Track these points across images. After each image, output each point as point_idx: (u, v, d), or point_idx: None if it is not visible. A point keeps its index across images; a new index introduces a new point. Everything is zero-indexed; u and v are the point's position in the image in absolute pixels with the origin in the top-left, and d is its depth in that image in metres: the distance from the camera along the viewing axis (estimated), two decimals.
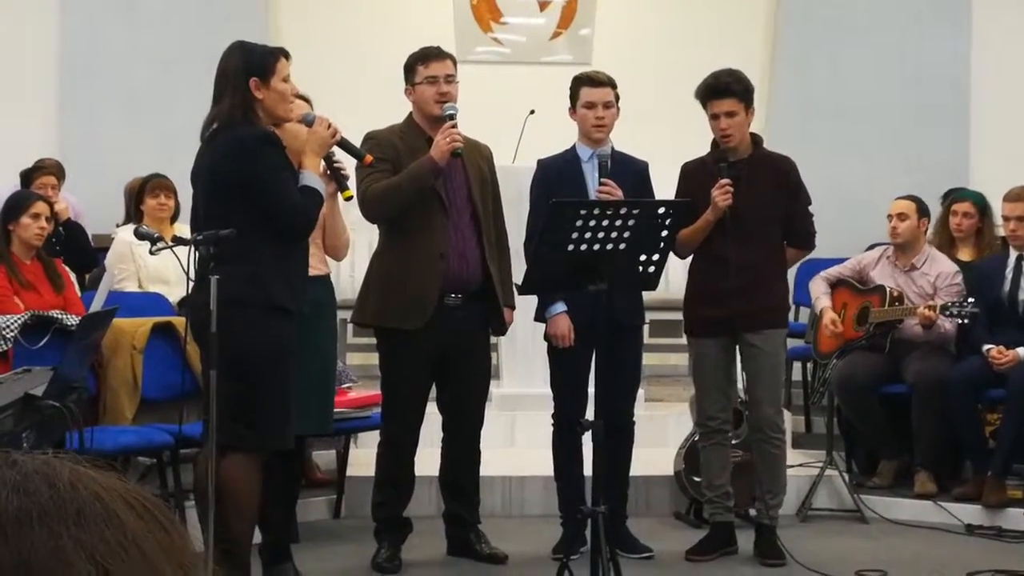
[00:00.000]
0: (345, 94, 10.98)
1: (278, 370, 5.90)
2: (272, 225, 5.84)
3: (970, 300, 8.24)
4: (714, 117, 7.24)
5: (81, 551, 0.99)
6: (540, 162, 7.46)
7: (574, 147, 7.39)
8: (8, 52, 11.69)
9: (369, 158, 6.60)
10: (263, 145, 5.88)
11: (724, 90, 7.21)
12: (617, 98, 7.34)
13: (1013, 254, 8.60)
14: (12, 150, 10.65)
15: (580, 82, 7.38)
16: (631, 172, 7.31)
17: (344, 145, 6.40)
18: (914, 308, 8.42)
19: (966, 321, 8.23)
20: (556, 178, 7.26)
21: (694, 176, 7.36)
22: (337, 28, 12.24)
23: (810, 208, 7.46)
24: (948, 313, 8.24)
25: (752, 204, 7.18)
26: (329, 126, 6.16)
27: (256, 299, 5.81)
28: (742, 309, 7.14)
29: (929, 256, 8.74)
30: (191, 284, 5.77)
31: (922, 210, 8.78)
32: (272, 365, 5.87)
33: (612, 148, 7.34)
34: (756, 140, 7.43)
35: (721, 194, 7.09)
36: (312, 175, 6.04)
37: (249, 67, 5.95)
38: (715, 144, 7.34)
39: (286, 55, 6.09)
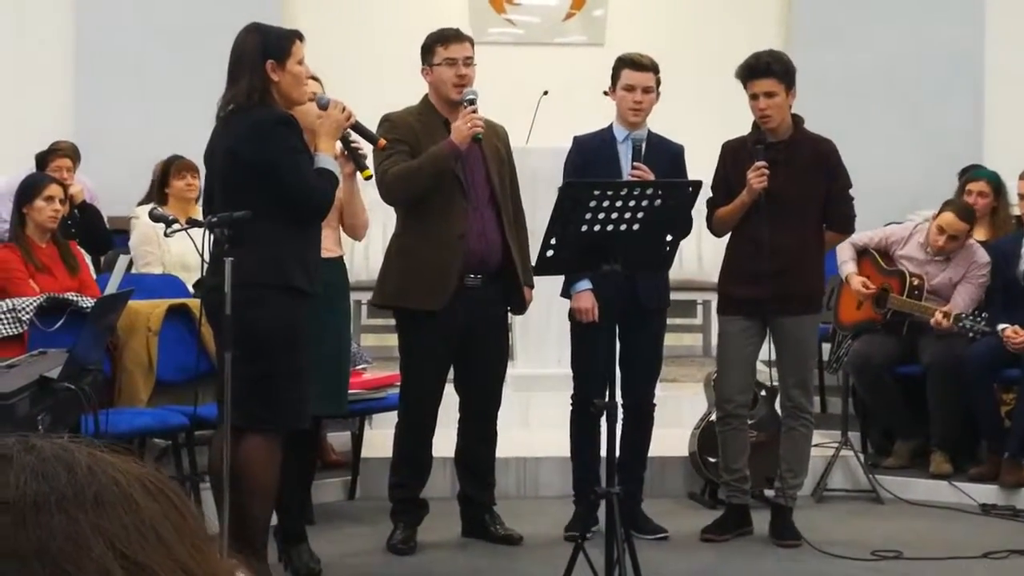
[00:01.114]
0: (358, 75, 10.97)
1: (294, 351, 5.89)
2: (289, 207, 5.84)
3: (984, 316, 8.26)
4: (753, 97, 7.20)
5: (99, 536, 1.00)
6: (576, 139, 7.43)
7: (611, 127, 7.38)
8: (24, 35, 11.71)
9: (383, 142, 6.59)
10: (282, 127, 5.88)
11: (764, 70, 7.18)
12: (658, 83, 7.33)
13: None
14: (28, 133, 10.68)
15: (623, 63, 7.36)
16: (666, 155, 7.31)
17: (358, 128, 6.40)
18: (930, 309, 8.41)
19: (978, 336, 8.24)
20: (592, 156, 7.26)
21: (733, 155, 7.35)
22: (350, 9, 12.24)
23: (850, 191, 7.41)
24: (961, 326, 8.26)
25: (790, 186, 7.15)
26: (343, 109, 6.16)
27: (272, 280, 5.81)
28: (775, 292, 7.09)
29: (965, 248, 8.71)
30: (205, 266, 5.78)
31: (972, 226, 8.75)
32: (288, 346, 5.87)
33: (648, 131, 7.34)
34: (797, 121, 7.36)
35: (756, 176, 7.06)
36: (327, 157, 6.04)
37: (266, 49, 5.94)
38: (756, 125, 7.31)
39: (301, 38, 6.08)
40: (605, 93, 7.42)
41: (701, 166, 7.39)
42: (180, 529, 1.05)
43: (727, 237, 7.50)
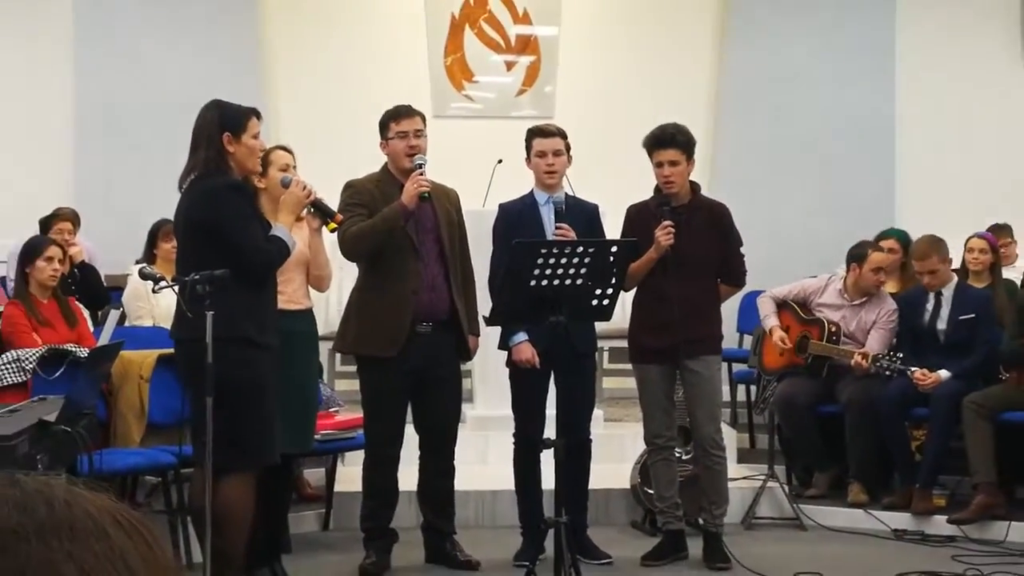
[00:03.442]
0: (332, 146, 11.01)
1: (253, 397, 5.88)
2: (237, 266, 5.81)
3: (899, 356, 8.33)
4: (658, 165, 7.26)
5: (71, 563, 1.01)
6: (502, 206, 7.49)
7: (532, 192, 7.43)
8: (26, 111, 11.72)
9: (339, 217, 6.64)
10: (232, 193, 5.91)
11: (669, 141, 7.24)
12: (568, 147, 7.39)
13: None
14: (32, 200, 10.67)
15: (532, 134, 7.43)
16: (583, 214, 7.35)
17: (317, 205, 6.45)
18: (849, 352, 8.49)
19: (894, 375, 8.31)
20: (516, 220, 7.29)
21: (637, 218, 7.38)
22: (326, 86, 12.26)
23: (741, 249, 7.47)
24: (879, 366, 8.34)
25: (690, 244, 7.18)
26: (304, 187, 6.21)
27: (226, 334, 5.75)
28: (681, 338, 7.12)
29: (878, 295, 8.79)
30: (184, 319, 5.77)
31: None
32: (248, 392, 5.86)
33: (566, 193, 7.40)
34: (694, 187, 7.43)
35: (664, 234, 7.10)
36: (282, 228, 6.06)
37: (223, 123, 5.97)
38: (658, 189, 7.36)
39: (257, 115, 6.11)
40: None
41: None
42: (147, 559, 1.06)
43: (633, 292, 7.52)
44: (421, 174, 6.90)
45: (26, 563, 1.01)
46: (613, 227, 7.59)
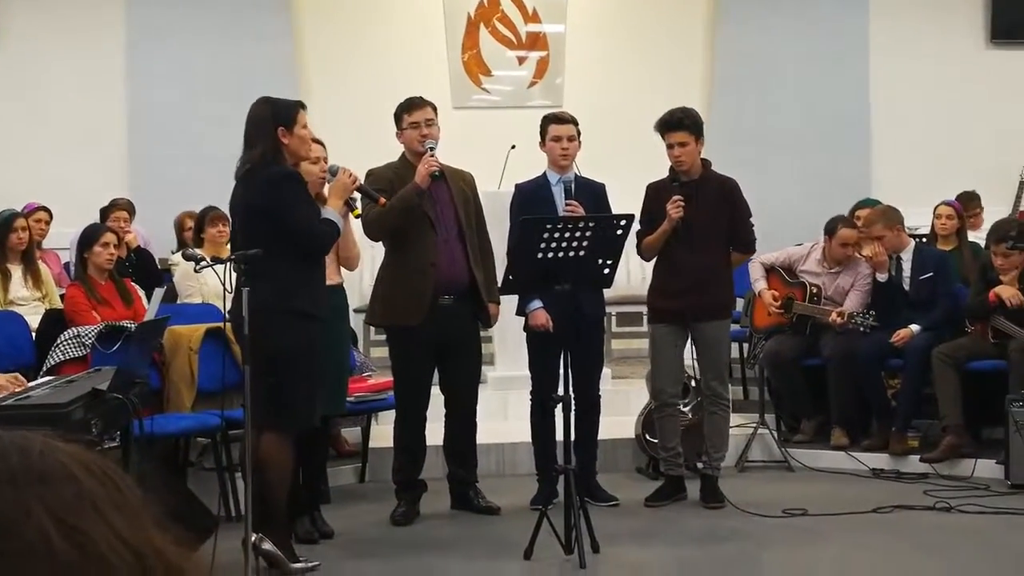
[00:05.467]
0: (359, 138, 10.97)
1: (302, 364, 5.86)
2: (295, 246, 5.83)
3: (871, 313, 8.28)
4: (670, 146, 7.21)
5: (41, 505, 1.00)
6: (518, 186, 7.46)
7: (544, 173, 7.39)
8: (85, 113, 11.71)
9: (383, 200, 6.61)
10: (287, 182, 5.87)
11: (677, 124, 7.18)
12: (579, 133, 7.34)
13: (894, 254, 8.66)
14: (91, 191, 10.68)
15: (548, 120, 7.38)
16: (591, 193, 7.31)
17: (362, 189, 6.43)
18: (828, 311, 8.45)
19: (867, 331, 8.27)
20: (531, 198, 7.26)
21: (655, 194, 7.35)
22: (354, 85, 12.23)
23: (751, 220, 7.42)
24: (853, 323, 8.30)
25: (702, 217, 7.15)
26: (350, 175, 6.19)
27: (282, 307, 5.77)
28: (692, 303, 7.10)
29: (852, 262, 8.74)
30: (228, 296, 5.74)
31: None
32: (297, 360, 5.83)
33: (575, 174, 7.35)
34: (706, 164, 7.36)
35: (674, 208, 7.07)
36: (332, 211, 6.04)
37: (276, 117, 5.92)
38: (672, 168, 7.31)
39: (303, 107, 6.07)
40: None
41: (638, 202, 7.41)
42: (118, 503, 1.05)
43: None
44: (431, 155, 6.87)
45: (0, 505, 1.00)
46: (618, 203, 7.53)
